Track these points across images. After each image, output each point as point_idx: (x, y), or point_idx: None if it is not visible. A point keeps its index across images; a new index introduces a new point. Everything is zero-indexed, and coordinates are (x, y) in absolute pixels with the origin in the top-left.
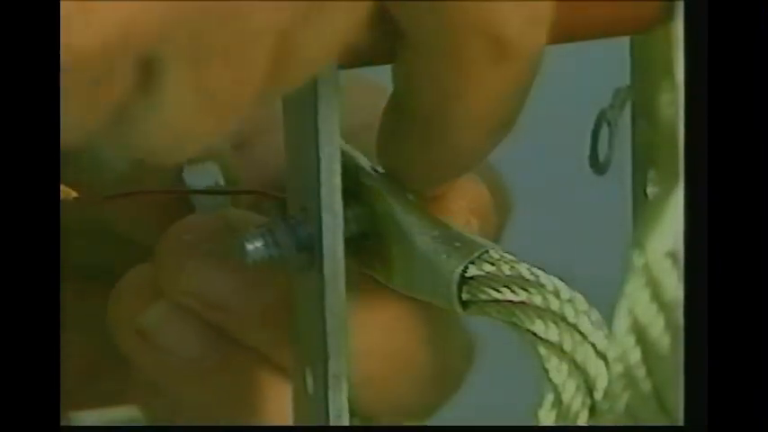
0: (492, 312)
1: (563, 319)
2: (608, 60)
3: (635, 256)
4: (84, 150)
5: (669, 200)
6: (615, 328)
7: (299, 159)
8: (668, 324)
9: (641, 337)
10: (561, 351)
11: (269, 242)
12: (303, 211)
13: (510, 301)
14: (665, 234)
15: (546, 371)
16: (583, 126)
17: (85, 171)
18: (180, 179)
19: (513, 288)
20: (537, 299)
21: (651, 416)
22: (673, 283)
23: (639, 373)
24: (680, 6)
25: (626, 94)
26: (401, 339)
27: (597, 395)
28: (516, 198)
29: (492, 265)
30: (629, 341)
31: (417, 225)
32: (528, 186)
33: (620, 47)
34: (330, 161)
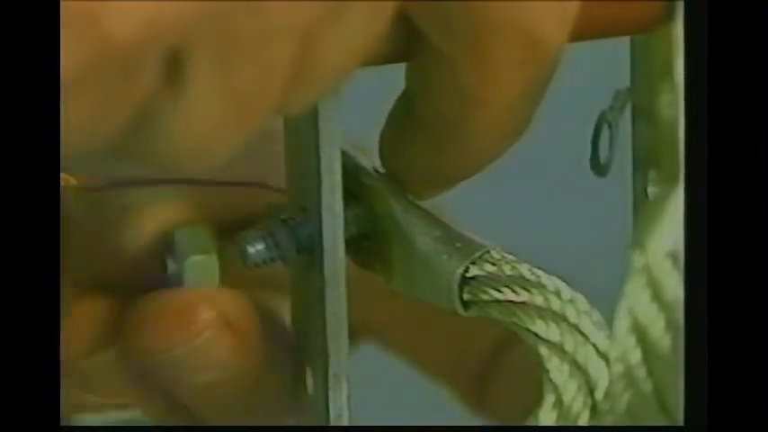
0: (493, 312)
1: (564, 320)
2: (608, 62)
3: (635, 257)
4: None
5: (669, 200)
6: (615, 328)
7: (299, 159)
8: (669, 324)
9: (642, 337)
10: (562, 351)
11: (269, 244)
12: (303, 211)
13: (511, 301)
14: (665, 234)
15: (547, 371)
16: (583, 127)
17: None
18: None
19: (515, 288)
20: (538, 299)
21: (651, 416)
22: (673, 283)
23: (640, 373)
24: (680, 6)
25: (626, 95)
26: None
27: (598, 395)
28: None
29: (493, 265)
30: (629, 341)
31: (418, 225)
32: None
33: (620, 48)
34: (330, 161)
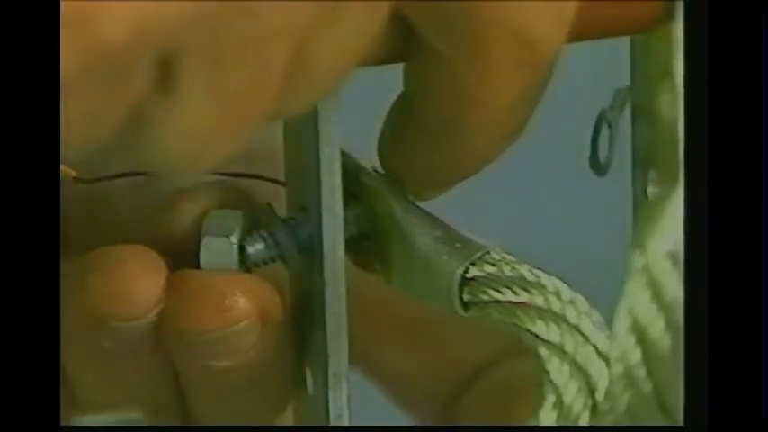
0: (493, 313)
1: (564, 320)
2: (608, 61)
3: (635, 257)
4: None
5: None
6: (615, 328)
7: (298, 159)
8: (668, 324)
9: (641, 337)
10: (563, 352)
11: (269, 244)
12: (303, 211)
13: (511, 301)
14: (665, 234)
15: (547, 372)
16: (583, 127)
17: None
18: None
19: (515, 289)
20: (538, 300)
21: (651, 416)
22: (673, 283)
23: (640, 373)
24: (680, 6)
25: (626, 94)
26: None
27: (599, 396)
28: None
29: (493, 265)
30: (629, 341)
31: (418, 226)
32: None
33: (620, 47)
34: (330, 161)
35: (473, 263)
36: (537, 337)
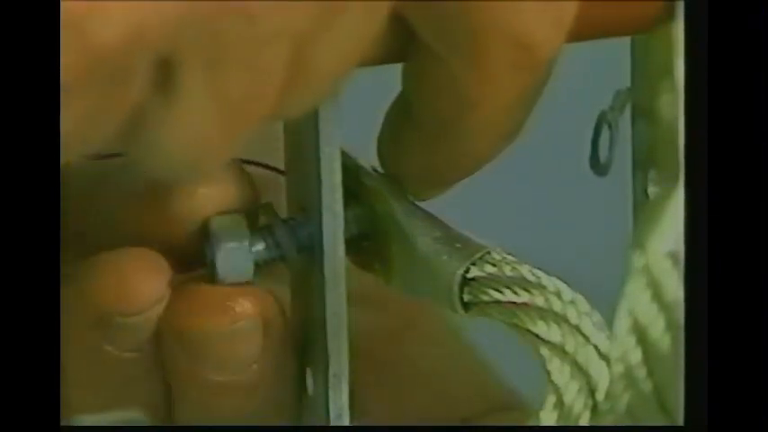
0: (494, 314)
1: (565, 321)
2: (608, 62)
3: (635, 257)
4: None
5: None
6: (616, 328)
7: (299, 159)
8: (669, 324)
9: (642, 337)
10: (563, 352)
11: (270, 244)
12: (303, 211)
13: (512, 302)
14: (665, 234)
15: (548, 372)
16: (583, 128)
17: None
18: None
19: (515, 289)
20: (539, 300)
21: (651, 416)
22: (673, 283)
23: (640, 373)
24: (680, 6)
25: (626, 95)
26: None
27: (599, 396)
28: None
29: (493, 266)
30: (629, 342)
31: (418, 226)
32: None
33: (620, 48)
34: (330, 161)
35: (473, 263)
36: (538, 337)
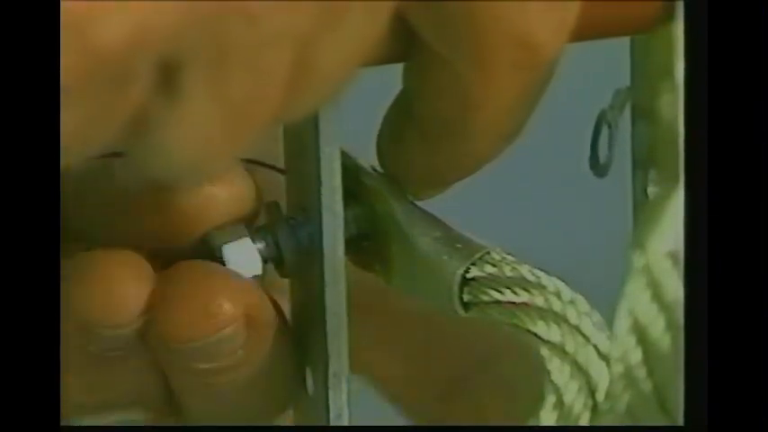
0: (494, 314)
1: (565, 321)
2: (608, 61)
3: (635, 257)
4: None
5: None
6: (616, 328)
7: (299, 159)
8: (669, 324)
9: (642, 337)
10: (563, 352)
11: (270, 244)
12: (303, 211)
13: (512, 302)
14: (665, 234)
15: (548, 372)
16: (583, 127)
17: None
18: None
19: (515, 289)
20: (539, 300)
21: (651, 416)
22: (673, 283)
23: (640, 373)
24: (680, 6)
25: (626, 95)
26: None
27: (599, 396)
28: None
29: (493, 266)
30: (629, 342)
31: (418, 226)
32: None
33: (620, 47)
34: (330, 161)
35: (473, 263)
36: (537, 337)
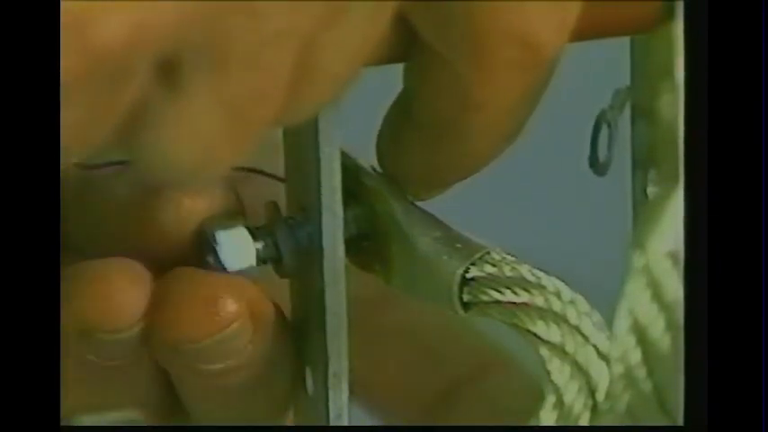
0: (493, 314)
1: (565, 321)
2: (608, 61)
3: (635, 257)
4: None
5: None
6: (616, 328)
7: (298, 159)
8: (669, 324)
9: (642, 337)
10: (563, 352)
11: (269, 244)
12: (303, 211)
13: (511, 302)
14: (665, 234)
15: (548, 372)
16: (582, 127)
17: None
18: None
19: (515, 289)
20: (538, 300)
21: (651, 416)
22: (673, 283)
23: (640, 373)
24: (680, 6)
25: (626, 94)
26: None
27: (599, 396)
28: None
29: (493, 266)
30: (629, 342)
31: (418, 226)
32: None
33: (620, 47)
34: (330, 161)
35: (473, 263)
36: (537, 337)
